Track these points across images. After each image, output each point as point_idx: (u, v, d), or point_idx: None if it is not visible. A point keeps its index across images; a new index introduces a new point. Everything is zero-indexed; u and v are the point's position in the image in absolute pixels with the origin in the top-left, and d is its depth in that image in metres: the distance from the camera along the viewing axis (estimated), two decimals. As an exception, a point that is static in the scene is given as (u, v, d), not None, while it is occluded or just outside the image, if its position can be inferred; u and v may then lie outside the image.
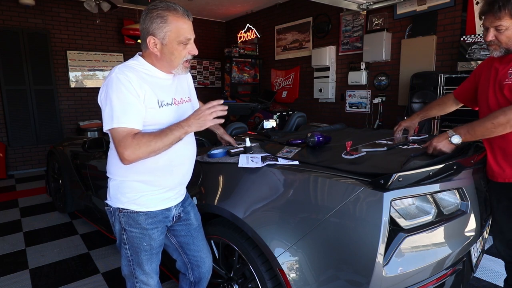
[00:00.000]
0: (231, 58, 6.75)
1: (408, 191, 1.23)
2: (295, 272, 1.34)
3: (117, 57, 6.29)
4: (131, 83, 1.19)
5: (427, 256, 1.26)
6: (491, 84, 1.57)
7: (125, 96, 1.18)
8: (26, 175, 5.48)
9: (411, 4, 4.30)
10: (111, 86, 1.19)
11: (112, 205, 1.37)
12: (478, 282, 2.24)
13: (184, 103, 1.42)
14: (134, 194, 1.32)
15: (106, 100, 1.20)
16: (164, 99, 1.30)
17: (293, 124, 2.72)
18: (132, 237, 1.35)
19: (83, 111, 6.10)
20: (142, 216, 1.34)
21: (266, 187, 1.51)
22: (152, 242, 1.38)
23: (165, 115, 1.30)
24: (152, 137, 1.19)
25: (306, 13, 5.82)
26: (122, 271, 1.47)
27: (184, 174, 1.45)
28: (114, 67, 1.24)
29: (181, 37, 1.25)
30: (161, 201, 1.37)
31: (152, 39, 1.24)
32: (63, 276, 2.42)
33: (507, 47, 1.48)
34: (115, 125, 1.17)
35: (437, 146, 1.50)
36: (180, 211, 1.48)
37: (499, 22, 1.42)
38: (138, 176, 1.31)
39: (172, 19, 1.23)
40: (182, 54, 1.29)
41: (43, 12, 5.54)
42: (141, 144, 1.17)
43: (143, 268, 1.40)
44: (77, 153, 3.18)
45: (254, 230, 1.44)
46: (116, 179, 1.35)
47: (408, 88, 4.25)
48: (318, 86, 5.63)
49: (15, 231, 3.23)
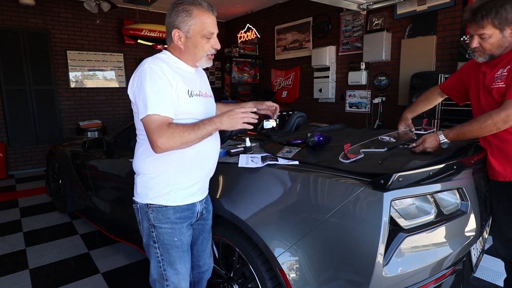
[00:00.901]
0: (231, 58, 6.75)
1: (408, 191, 1.23)
2: (295, 272, 1.34)
3: (117, 57, 6.29)
4: (164, 73, 1.22)
5: (427, 256, 1.26)
6: (480, 88, 1.62)
7: (159, 85, 1.20)
8: (26, 175, 5.48)
9: (411, 4, 4.30)
10: (145, 76, 1.21)
11: (140, 202, 1.36)
12: (478, 282, 2.24)
13: (208, 97, 1.44)
14: (162, 188, 1.32)
15: (140, 89, 1.21)
16: (193, 90, 1.32)
17: (293, 124, 2.72)
18: (162, 234, 1.34)
19: (83, 111, 6.10)
20: (171, 210, 1.34)
21: (266, 187, 1.51)
22: (183, 237, 1.37)
23: (195, 105, 1.32)
24: (186, 129, 1.21)
25: (306, 13, 5.81)
26: (150, 277, 1.43)
27: (210, 167, 1.45)
28: (146, 59, 1.27)
29: (204, 30, 1.28)
30: (187, 197, 1.37)
31: (177, 32, 1.28)
32: (63, 276, 2.42)
33: (491, 53, 1.53)
34: (150, 112, 1.18)
35: (425, 145, 1.55)
36: (203, 208, 1.48)
37: (483, 30, 1.47)
38: (166, 166, 1.31)
39: (197, 13, 1.26)
40: (205, 47, 1.31)
41: (43, 12, 5.54)
42: (175, 133, 1.18)
43: (175, 267, 1.37)
44: (77, 153, 3.19)
45: (254, 230, 1.44)
46: (145, 174, 1.34)
47: (408, 88, 4.25)
48: (318, 86, 5.63)
49: (15, 231, 3.23)
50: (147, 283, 2.38)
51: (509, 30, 1.45)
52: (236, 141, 1.91)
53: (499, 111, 1.44)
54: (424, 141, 1.56)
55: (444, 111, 3.78)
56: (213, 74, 7.68)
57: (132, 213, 1.40)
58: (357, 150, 1.57)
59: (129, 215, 2.35)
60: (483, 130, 1.48)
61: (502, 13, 1.41)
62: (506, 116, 1.42)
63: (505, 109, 1.43)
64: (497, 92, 1.51)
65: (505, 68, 1.49)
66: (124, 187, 2.44)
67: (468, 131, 1.51)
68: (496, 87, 1.51)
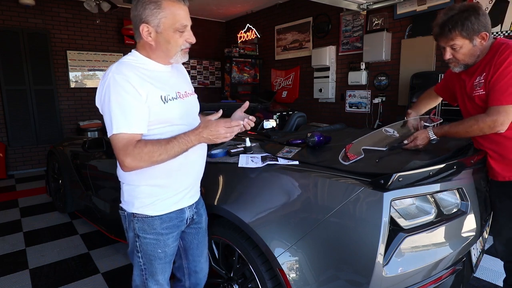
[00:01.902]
0: (231, 58, 6.75)
1: (408, 191, 1.23)
2: (295, 272, 1.34)
3: (117, 57, 6.29)
4: (130, 83, 1.11)
5: (427, 256, 1.26)
6: (464, 95, 1.67)
7: (124, 99, 1.10)
8: (26, 175, 5.48)
9: (411, 4, 4.30)
10: (109, 89, 1.11)
11: (127, 210, 1.30)
12: (478, 282, 2.24)
13: (189, 97, 1.33)
14: (148, 199, 1.26)
15: (104, 105, 1.13)
16: (168, 94, 1.21)
17: (293, 124, 2.72)
18: (146, 244, 1.29)
19: (83, 111, 6.10)
20: (158, 221, 1.27)
21: (266, 187, 1.51)
22: (167, 249, 1.32)
23: (171, 111, 1.21)
24: (156, 148, 1.11)
25: (306, 13, 5.81)
26: (133, 282, 1.40)
27: (197, 171, 1.39)
28: (111, 66, 1.15)
29: (177, 24, 1.16)
30: (175, 203, 1.31)
31: (146, 27, 1.15)
32: (63, 276, 2.42)
33: (465, 63, 1.57)
34: (115, 132, 1.10)
35: (417, 142, 1.60)
36: (194, 213, 1.42)
37: (453, 42, 1.51)
38: (151, 180, 1.24)
39: (167, 5, 1.14)
40: (179, 42, 1.20)
41: (43, 12, 5.54)
42: (142, 154, 1.10)
43: (156, 278, 1.34)
44: (77, 153, 3.18)
45: (254, 230, 1.44)
46: (128, 184, 1.28)
47: (408, 88, 4.25)
48: (318, 86, 5.63)
49: (15, 231, 3.22)
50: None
51: (478, 39, 1.49)
52: (236, 141, 1.91)
53: (485, 117, 1.48)
54: (416, 139, 1.61)
55: (444, 111, 3.78)
56: (213, 74, 7.68)
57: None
58: (358, 150, 1.56)
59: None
60: (469, 133, 1.55)
61: (467, 24, 1.45)
62: (491, 122, 1.46)
63: (490, 115, 1.47)
64: (479, 99, 1.56)
65: (481, 76, 1.53)
66: (124, 187, 2.44)
67: (455, 132, 1.58)
68: (477, 94, 1.56)
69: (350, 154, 1.48)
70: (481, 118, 1.49)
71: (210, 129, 1.14)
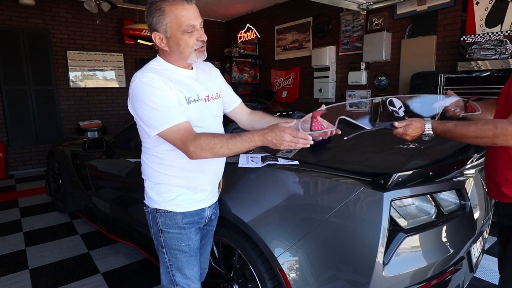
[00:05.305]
0: (231, 58, 6.75)
1: (408, 191, 1.23)
2: (295, 272, 1.34)
3: (117, 57, 6.29)
4: (157, 81, 1.15)
5: (427, 256, 1.26)
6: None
7: (157, 96, 1.13)
8: (26, 175, 5.48)
9: (411, 4, 4.30)
10: (139, 92, 1.15)
11: (150, 206, 1.35)
12: (478, 282, 2.24)
13: (211, 101, 1.33)
14: (170, 195, 1.30)
15: (139, 109, 1.16)
16: (190, 95, 1.24)
17: (293, 124, 2.71)
18: (170, 239, 1.32)
19: (83, 111, 6.10)
20: (179, 215, 1.31)
21: (266, 187, 1.51)
22: (190, 242, 1.35)
23: (194, 112, 1.23)
24: (218, 140, 1.13)
25: (306, 13, 5.81)
26: (161, 282, 1.41)
27: (216, 171, 1.41)
28: (135, 73, 1.19)
29: (183, 25, 1.17)
30: (196, 202, 1.34)
31: (157, 35, 1.19)
32: (63, 276, 2.42)
33: None
34: (165, 127, 1.13)
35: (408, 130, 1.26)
36: (212, 213, 1.46)
37: None
38: (172, 179, 1.29)
39: (169, 9, 1.15)
40: (189, 43, 1.20)
41: (43, 12, 5.54)
42: (202, 143, 1.12)
43: (183, 272, 1.35)
44: (77, 153, 3.19)
45: (254, 230, 1.44)
46: (151, 180, 1.33)
47: (408, 88, 4.24)
48: (318, 86, 5.63)
49: (15, 231, 3.22)
50: (147, 283, 2.38)
51: None
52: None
53: (507, 125, 1.11)
54: (409, 126, 1.26)
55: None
56: (213, 74, 7.66)
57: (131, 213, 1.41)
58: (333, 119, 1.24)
59: (129, 215, 2.35)
60: (478, 139, 1.17)
61: None
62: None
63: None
64: None
65: None
66: (124, 187, 2.44)
67: (460, 134, 1.20)
68: None
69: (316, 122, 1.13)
70: (501, 124, 1.12)
71: (276, 133, 1.11)
